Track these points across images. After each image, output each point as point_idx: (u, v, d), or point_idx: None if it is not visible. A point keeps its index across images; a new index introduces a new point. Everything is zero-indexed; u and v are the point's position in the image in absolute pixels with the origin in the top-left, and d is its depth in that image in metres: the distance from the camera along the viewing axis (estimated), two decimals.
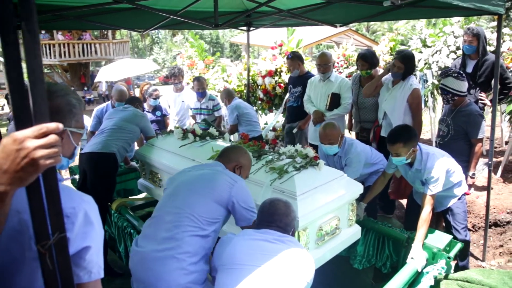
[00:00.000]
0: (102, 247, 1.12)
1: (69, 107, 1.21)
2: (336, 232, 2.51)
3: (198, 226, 1.88)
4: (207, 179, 2.06)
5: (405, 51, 3.85)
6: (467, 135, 3.35)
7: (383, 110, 3.80)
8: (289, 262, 1.66)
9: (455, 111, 3.41)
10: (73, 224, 1.03)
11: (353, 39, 12.63)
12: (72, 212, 1.03)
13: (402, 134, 2.71)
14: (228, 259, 1.72)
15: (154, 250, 1.84)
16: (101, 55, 18.29)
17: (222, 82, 6.27)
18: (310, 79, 4.36)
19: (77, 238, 1.03)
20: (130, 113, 3.64)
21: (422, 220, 2.63)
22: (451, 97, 3.36)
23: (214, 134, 3.27)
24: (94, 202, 1.14)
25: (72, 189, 1.15)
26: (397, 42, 7.27)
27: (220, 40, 41.14)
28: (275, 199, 1.90)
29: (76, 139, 1.25)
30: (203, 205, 1.95)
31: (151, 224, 2.01)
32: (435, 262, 2.53)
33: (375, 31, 36.60)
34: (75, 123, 1.23)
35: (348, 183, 2.63)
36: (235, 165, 2.23)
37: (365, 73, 4.02)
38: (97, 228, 1.09)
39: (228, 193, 1.99)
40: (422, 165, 2.73)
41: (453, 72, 3.39)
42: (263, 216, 1.85)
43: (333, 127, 3.09)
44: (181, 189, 2.07)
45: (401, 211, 4.38)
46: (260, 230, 1.80)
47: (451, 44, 5.28)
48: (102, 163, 3.32)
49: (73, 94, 1.24)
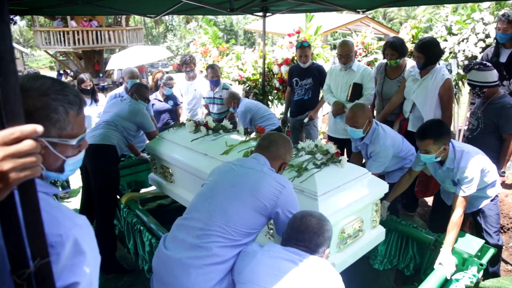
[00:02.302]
0: (96, 278, 0.95)
1: (46, 112, 0.94)
2: (359, 235, 2.33)
3: (230, 238, 1.69)
4: (251, 184, 1.80)
5: (425, 38, 3.56)
6: (498, 129, 3.16)
7: (411, 102, 3.54)
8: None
9: (487, 104, 3.21)
10: (58, 256, 0.85)
11: (372, 28, 12.23)
12: (59, 241, 0.86)
13: (433, 130, 2.49)
14: (248, 277, 1.56)
15: (181, 257, 1.68)
16: (114, 42, 18.23)
17: (237, 70, 6.06)
18: (330, 68, 4.13)
19: (63, 272, 0.86)
20: (126, 109, 3.41)
21: (453, 223, 2.43)
22: (479, 90, 3.20)
23: (227, 127, 3.09)
24: (88, 224, 0.96)
25: (63, 209, 0.95)
26: (419, 30, 6.92)
27: (234, 28, 40.76)
28: (308, 215, 1.66)
29: (64, 150, 0.99)
30: (241, 214, 1.73)
31: (181, 226, 1.82)
32: (465, 269, 2.35)
33: (392, 18, 35.85)
34: (57, 131, 0.96)
35: (373, 181, 2.43)
36: (282, 163, 1.99)
37: (394, 63, 3.73)
38: (89, 257, 0.91)
39: (274, 202, 1.77)
40: (455, 164, 2.51)
41: (474, 64, 3.24)
42: (292, 232, 1.64)
43: (361, 109, 2.89)
44: (220, 191, 1.83)
45: (424, 209, 4.17)
46: (287, 249, 1.60)
47: (479, 32, 4.96)
48: (101, 155, 3.15)
49: (55, 95, 0.96)
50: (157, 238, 2.68)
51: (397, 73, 3.82)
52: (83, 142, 1.05)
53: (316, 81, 4.46)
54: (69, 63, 21.84)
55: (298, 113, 4.67)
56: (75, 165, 1.05)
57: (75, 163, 1.05)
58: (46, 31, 17.80)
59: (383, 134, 2.93)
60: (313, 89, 4.50)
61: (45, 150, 0.93)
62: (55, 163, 0.99)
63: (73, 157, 1.02)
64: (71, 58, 19.93)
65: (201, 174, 2.71)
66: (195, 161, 2.82)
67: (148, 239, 2.70)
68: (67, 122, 0.98)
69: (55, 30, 17.44)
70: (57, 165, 1.00)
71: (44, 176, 0.99)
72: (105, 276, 3.09)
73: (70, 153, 1.01)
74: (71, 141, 0.99)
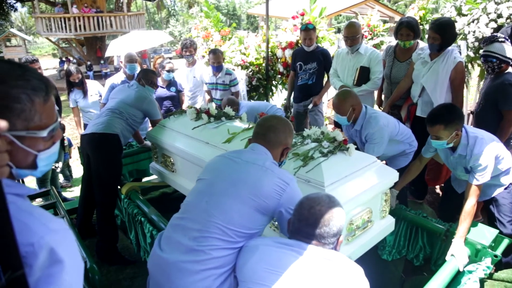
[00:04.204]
0: (80, 286, 0.85)
1: (5, 102, 0.81)
2: (368, 226, 2.24)
3: (230, 240, 1.57)
4: (252, 181, 1.65)
5: (442, 18, 3.39)
6: (497, 105, 3.11)
7: (419, 86, 3.40)
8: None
9: (490, 80, 3.19)
10: (31, 267, 0.75)
11: (377, 10, 11.98)
12: (30, 251, 0.76)
13: (444, 115, 2.37)
14: (249, 275, 1.43)
15: (177, 260, 1.57)
16: (116, 28, 18.06)
17: (240, 55, 5.91)
18: (337, 51, 3.99)
19: (39, 284, 0.76)
20: (132, 95, 3.30)
21: (466, 213, 2.33)
22: (497, 64, 3.09)
23: (230, 114, 2.97)
24: (65, 229, 0.86)
25: (35, 212, 0.84)
26: (427, 11, 6.72)
27: (237, 12, 40.27)
28: (316, 204, 1.43)
29: (34, 144, 0.87)
30: (242, 214, 1.60)
31: (177, 226, 1.68)
32: (479, 260, 2.26)
33: (397, 1, 35.25)
34: (23, 123, 0.84)
35: (382, 169, 2.32)
36: (283, 149, 1.85)
37: (408, 44, 3.56)
38: (68, 265, 0.81)
39: (276, 201, 1.63)
40: (468, 150, 2.39)
41: (497, 37, 3.11)
42: (301, 226, 1.44)
43: (344, 96, 2.76)
44: (218, 189, 1.69)
45: (432, 196, 4.07)
46: (294, 243, 1.44)
47: (491, 12, 4.76)
48: (104, 144, 3.05)
49: (15, 81, 0.83)
50: (158, 230, 2.60)
51: (407, 56, 3.66)
52: (56, 133, 0.93)
53: (320, 66, 4.31)
54: (72, 50, 21.71)
55: (302, 98, 4.54)
56: (50, 159, 0.93)
57: (50, 157, 0.93)
58: (47, 18, 17.66)
59: (374, 115, 2.78)
60: (318, 74, 4.36)
61: (11, 146, 0.82)
62: (26, 159, 0.87)
63: (46, 150, 0.91)
64: (73, 45, 19.78)
65: (203, 163, 2.61)
66: (197, 149, 2.72)
67: (149, 231, 2.63)
68: (33, 111, 0.85)
69: (56, 16, 17.29)
70: (29, 161, 0.88)
71: (15, 174, 0.87)
72: (106, 268, 3.04)
73: (42, 147, 0.90)
74: (41, 133, 0.87)
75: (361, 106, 2.81)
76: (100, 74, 17.94)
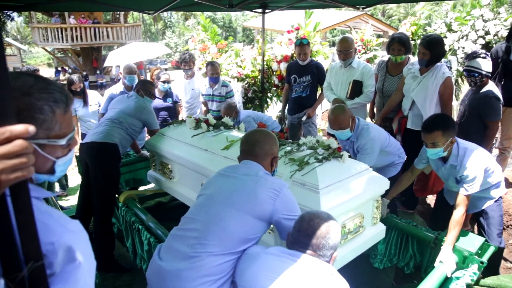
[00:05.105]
0: (92, 285, 0.92)
1: (30, 113, 0.87)
2: (360, 231, 2.31)
3: (226, 247, 1.63)
4: (248, 190, 1.75)
5: (432, 35, 3.54)
6: (481, 116, 3.32)
7: (410, 100, 3.51)
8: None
9: (473, 92, 3.40)
10: (51, 265, 0.81)
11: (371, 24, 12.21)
12: (50, 250, 0.82)
13: (441, 122, 2.47)
14: (249, 281, 1.51)
15: (175, 269, 1.62)
16: (113, 39, 18.16)
17: (236, 67, 6.02)
18: (330, 65, 4.10)
19: (56, 281, 0.83)
20: (132, 105, 3.39)
21: (454, 222, 2.41)
22: (479, 78, 3.28)
23: (228, 123, 3.06)
24: (81, 230, 0.93)
25: (54, 214, 0.91)
26: (419, 27, 6.91)
27: (233, 25, 40.68)
28: (316, 217, 1.55)
29: (53, 151, 0.94)
30: (239, 221, 1.68)
31: (177, 236, 1.76)
32: (466, 267, 2.33)
33: (390, 15, 35.83)
34: (44, 132, 0.90)
35: (374, 177, 2.41)
36: (272, 158, 1.94)
37: (399, 58, 3.69)
38: (84, 264, 0.88)
39: (271, 207, 1.71)
40: (458, 161, 2.48)
41: (480, 53, 3.30)
42: (299, 236, 1.55)
43: (341, 110, 2.86)
44: (216, 200, 1.78)
45: (423, 206, 4.15)
46: (292, 252, 1.54)
47: (479, 29, 4.94)
48: (103, 153, 3.12)
49: (39, 94, 0.89)
50: (156, 237, 2.66)
51: (399, 70, 3.78)
52: (73, 141, 1.01)
53: (314, 79, 4.43)
54: (67, 60, 21.76)
55: (296, 110, 4.64)
56: (66, 165, 1.01)
57: (66, 163, 1.00)
58: (43, 28, 17.72)
59: (366, 127, 2.91)
60: (312, 87, 4.47)
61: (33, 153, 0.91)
62: (45, 165, 0.95)
63: (63, 157, 0.98)
64: (69, 55, 19.85)
65: (201, 169, 2.69)
66: (196, 156, 2.80)
67: (147, 238, 2.67)
68: (54, 121, 0.92)
69: (53, 26, 17.37)
70: (47, 167, 0.95)
71: (34, 179, 0.95)
72: (103, 275, 3.07)
73: (60, 154, 0.97)
74: (60, 141, 0.94)
75: (355, 118, 2.93)
76: (95, 85, 17.98)
